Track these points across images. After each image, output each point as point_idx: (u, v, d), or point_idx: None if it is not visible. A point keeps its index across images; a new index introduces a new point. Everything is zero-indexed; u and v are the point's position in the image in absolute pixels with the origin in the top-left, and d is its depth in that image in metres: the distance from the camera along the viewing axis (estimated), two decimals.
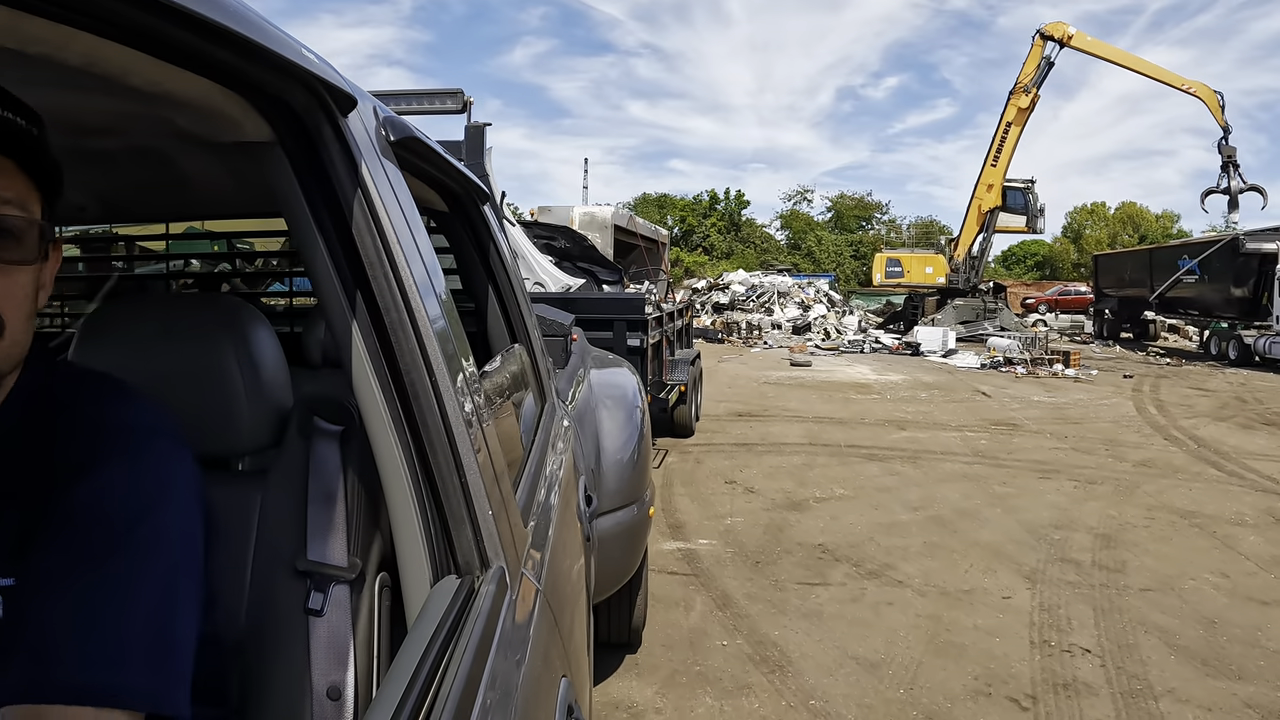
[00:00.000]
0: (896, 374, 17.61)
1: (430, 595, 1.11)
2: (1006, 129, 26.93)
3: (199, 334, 1.15)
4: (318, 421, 1.20)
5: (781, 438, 9.84)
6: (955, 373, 18.26)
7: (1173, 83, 25.60)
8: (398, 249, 1.14)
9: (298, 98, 1.03)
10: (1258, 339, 20.75)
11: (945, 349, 22.37)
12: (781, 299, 30.29)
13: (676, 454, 8.73)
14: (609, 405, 3.72)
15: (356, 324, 1.10)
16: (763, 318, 28.29)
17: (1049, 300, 39.70)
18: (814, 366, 18.83)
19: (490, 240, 2.45)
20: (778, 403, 12.81)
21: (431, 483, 1.15)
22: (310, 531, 1.14)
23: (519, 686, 1.16)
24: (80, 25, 0.69)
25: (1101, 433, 10.62)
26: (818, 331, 27.37)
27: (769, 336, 26.38)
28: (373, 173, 1.15)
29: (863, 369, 18.64)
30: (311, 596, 1.11)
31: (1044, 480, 7.91)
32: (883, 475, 8.04)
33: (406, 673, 0.92)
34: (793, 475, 7.94)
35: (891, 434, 10.26)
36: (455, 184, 2.13)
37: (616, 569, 3.51)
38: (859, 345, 24.30)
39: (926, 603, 4.82)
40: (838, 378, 16.65)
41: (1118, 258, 32.26)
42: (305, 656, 1.08)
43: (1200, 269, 23.43)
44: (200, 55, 0.82)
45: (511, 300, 2.54)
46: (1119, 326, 29.25)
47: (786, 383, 15.59)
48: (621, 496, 3.49)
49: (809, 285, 33.08)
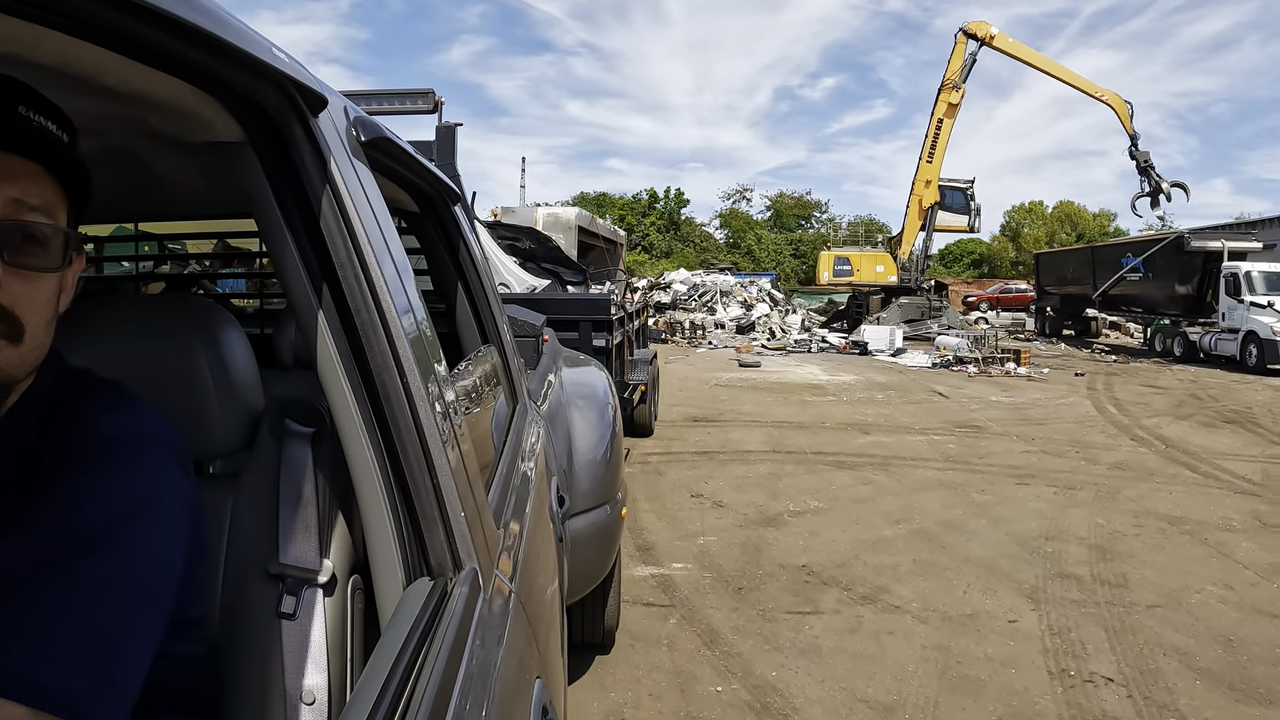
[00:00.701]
0: (848, 374, 17.40)
1: (403, 597, 1.11)
2: (939, 125, 27.52)
3: (169, 336, 1.14)
4: (289, 423, 1.20)
5: (743, 444, 9.61)
6: (907, 372, 18.09)
7: (1087, 89, 26.45)
8: (368, 249, 1.14)
9: (269, 98, 1.02)
10: (1203, 336, 21.17)
11: (893, 348, 22.38)
12: (724, 298, 30.10)
13: (637, 464, 8.36)
14: (580, 405, 3.72)
15: (327, 325, 1.09)
16: (705, 317, 28.04)
17: (990, 298, 39.92)
18: (763, 367, 18.53)
19: (461, 241, 2.44)
20: (733, 406, 12.58)
21: (403, 484, 1.14)
22: (282, 534, 1.13)
23: (493, 688, 1.16)
24: (51, 24, 0.68)
25: (1067, 434, 10.60)
26: (762, 331, 27.30)
27: (713, 336, 26.16)
28: (343, 173, 1.14)
29: (813, 369, 18.37)
30: (284, 600, 1.10)
31: (1022, 486, 7.79)
32: (856, 485, 7.81)
33: (380, 676, 0.91)
34: (762, 486, 7.66)
35: (856, 439, 10.09)
36: (426, 184, 2.12)
37: (590, 569, 3.51)
38: (806, 345, 24.20)
39: (930, 631, 4.50)
40: (789, 379, 16.33)
41: (1059, 256, 32.76)
42: (278, 660, 1.08)
43: (1144, 267, 23.85)
44: (172, 55, 0.82)
45: (483, 301, 2.53)
46: (1061, 324, 29.73)
47: (738, 384, 15.27)
48: (594, 497, 3.49)
49: (751, 284, 32.90)
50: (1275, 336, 18.55)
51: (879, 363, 20.26)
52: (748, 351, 21.93)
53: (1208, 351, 20.80)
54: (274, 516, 1.14)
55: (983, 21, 26.75)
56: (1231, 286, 20.29)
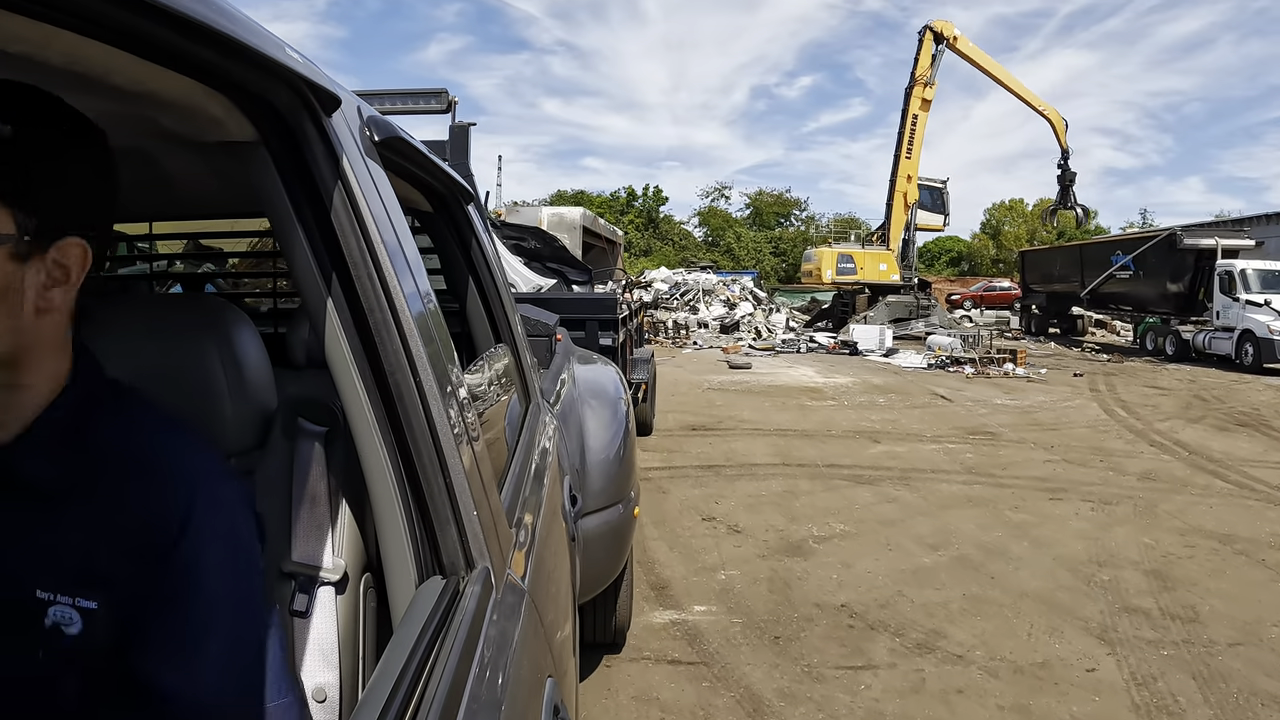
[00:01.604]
0: (843, 376, 16.79)
1: (415, 596, 1.10)
2: (914, 120, 27.74)
3: (183, 335, 1.14)
4: (302, 423, 1.20)
5: (748, 456, 9.01)
6: (903, 374, 17.57)
7: (1031, 102, 27.30)
8: (381, 249, 1.14)
9: (281, 97, 1.02)
10: (1195, 334, 20.89)
11: (884, 348, 21.91)
12: (706, 297, 29.58)
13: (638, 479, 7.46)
14: (593, 405, 3.72)
15: (340, 324, 1.09)
16: (688, 316, 27.36)
17: (974, 296, 39.37)
18: (754, 369, 17.79)
19: (474, 240, 2.45)
20: (730, 412, 11.97)
21: (416, 483, 1.14)
22: (295, 533, 1.13)
23: (505, 687, 1.16)
24: (62, 24, 0.68)
25: (1083, 440, 10.22)
26: (747, 330, 26.72)
27: (698, 336, 25.48)
28: (356, 173, 1.14)
29: (806, 371, 17.70)
30: (296, 598, 1.10)
31: (1057, 502, 7.26)
32: (879, 502, 7.20)
33: (392, 674, 0.91)
34: (778, 506, 7.00)
35: (867, 448, 9.51)
36: (439, 184, 2.12)
37: (602, 569, 3.51)
38: (794, 345, 23.52)
39: (1002, 686, 3.98)
40: (783, 381, 15.69)
41: (1046, 254, 32.51)
42: (291, 658, 1.08)
43: (1134, 264, 23.57)
44: (183, 54, 0.82)
45: (495, 300, 2.53)
46: (1047, 322, 29.40)
47: (731, 388, 14.63)
48: (606, 496, 3.48)
49: (734, 282, 32.41)
50: (1272, 335, 18.26)
51: (872, 363, 19.76)
52: (735, 352, 21.32)
53: (1201, 350, 20.49)
54: (287, 515, 1.14)
55: (947, 22, 27.12)
56: (1226, 284, 19.99)
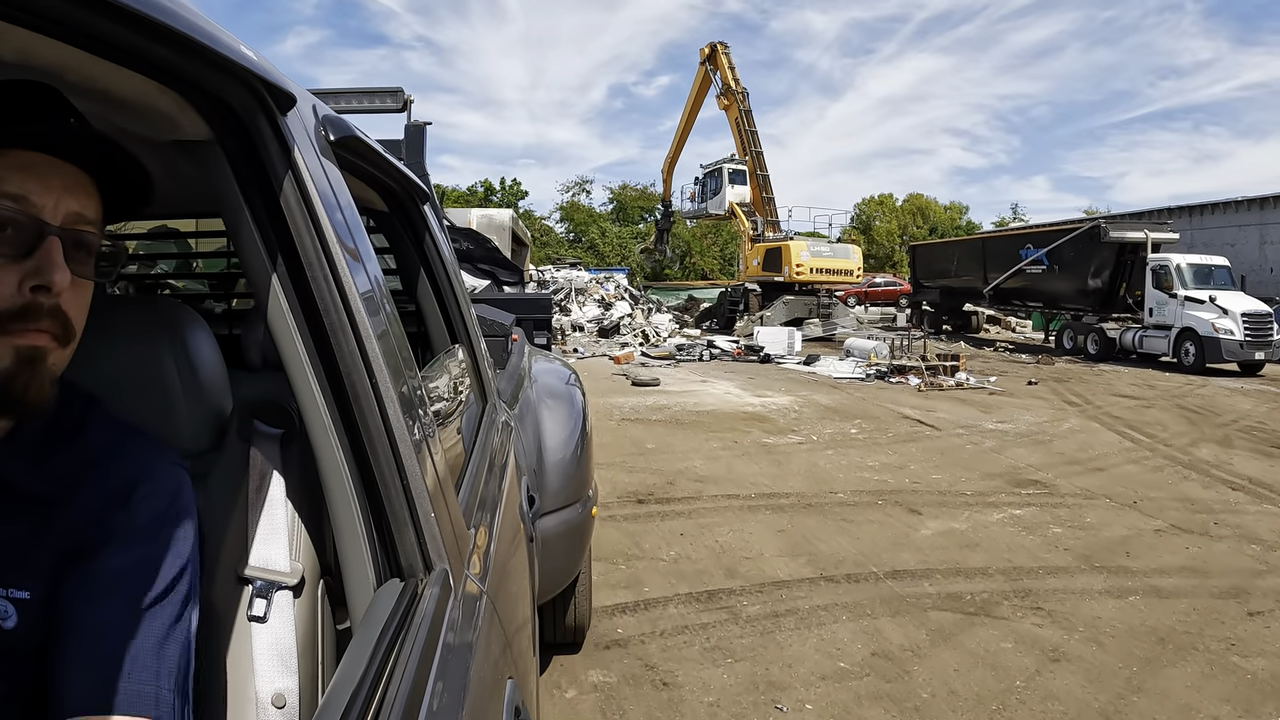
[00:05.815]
0: (776, 394, 13.84)
1: (374, 599, 1.10)
2: (737, 125, 30.28)
3: (137, 337, 1.13)
4: (258, 425, 1.19)
5: (757, 565, 5.48)
6: (844, 388, 14.86)
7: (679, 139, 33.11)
8: (337, 249, 1.13)
9: (236, 96, 1.01)
10: (1123, 332, 20.01)
11: (794, 352, 20.11)
12: (580, 296, 27.53)
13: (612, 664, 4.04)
14: (550, 404, 3.72)
15: (296, 326, 1.09)
16: (560, 318, 24.43)
17: (858, 293, 37.02)
18: (664, 386, 14.54)
19: (430, 240, 2.43)
20: (673, 462, 8.47)
21: (373, 485, 1.14)
22: (251, 537, 1.12)
23: (466, 689, 1.16)
24: (13, 20, 0.67)
25: (1148, 484, 8.03)
26: (629, 333, 24.21)
27: (576, 341, 22.75)
28: (312, 172, 1.14)
29: (726, 386, 14.73)
30: (254, 603, 1.09)
31: (1256, 620, 4.72)
32: (1017, 652, 4.24)
33: (352, 678, 0.91)
34: (874, 699, 3.74)
35: (915, 529, 6.41)
36: (395, 184, 2.11)
37: (560, 569, 3.51)
38: (693, 352, 20.20)
39: None
40: (709, 404, 12.64)
41: (941, 248, 31.28)
42: (249, 664, 1.07)
43: (1048, 259, 22.58)
44: (137, 52, 0.81)
45: (451, 300, 2.52)
46: (939, 319, 27.84)
47: (651, 416, 11.39)
48: (564, 496, 3.48)
49: (608, 280, 30.52)
50: (1217, 334, 17.30)
51: (796, 374, 17.04)
52: (629, 362, 18.41)
53: (1130, 349, 19.52)
54: (243, 519, 1.13)
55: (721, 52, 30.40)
56: (1159, 279, 18.96)
